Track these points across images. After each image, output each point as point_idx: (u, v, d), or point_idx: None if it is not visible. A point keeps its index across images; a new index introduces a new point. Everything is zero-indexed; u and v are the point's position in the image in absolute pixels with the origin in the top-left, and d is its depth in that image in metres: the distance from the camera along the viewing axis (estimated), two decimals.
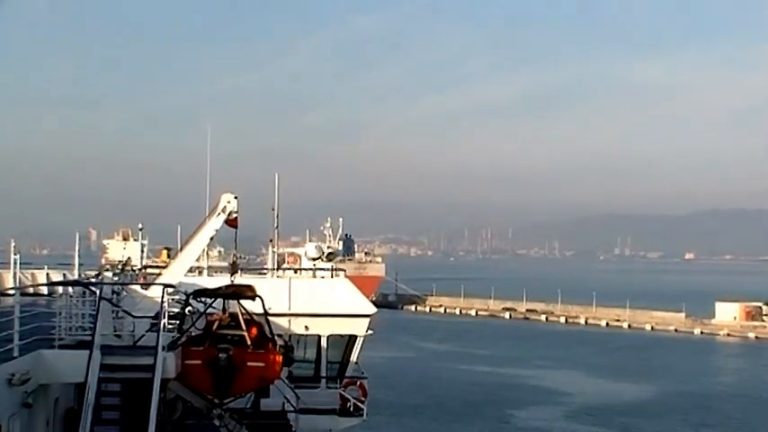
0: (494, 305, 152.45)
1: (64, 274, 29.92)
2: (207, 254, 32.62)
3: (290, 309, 27.07)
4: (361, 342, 28.14)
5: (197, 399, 20.62)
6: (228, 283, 21.90)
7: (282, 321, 25.87)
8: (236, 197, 22.77)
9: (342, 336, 27.95)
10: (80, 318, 20.22)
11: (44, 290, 27.53)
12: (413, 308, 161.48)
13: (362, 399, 27.73)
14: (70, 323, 19.79)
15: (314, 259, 32.00)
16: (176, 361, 18.88)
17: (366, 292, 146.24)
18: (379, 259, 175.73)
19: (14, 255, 27.57)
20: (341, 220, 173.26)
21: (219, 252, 49.02)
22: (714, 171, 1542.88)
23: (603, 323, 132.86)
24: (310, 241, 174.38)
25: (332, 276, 30.94)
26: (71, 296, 20.99)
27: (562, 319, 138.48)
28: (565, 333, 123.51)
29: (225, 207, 22.65)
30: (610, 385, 76.24)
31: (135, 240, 46.37)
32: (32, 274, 31.62)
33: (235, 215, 22.77)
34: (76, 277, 26.63)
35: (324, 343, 27.81)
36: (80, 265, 29.71)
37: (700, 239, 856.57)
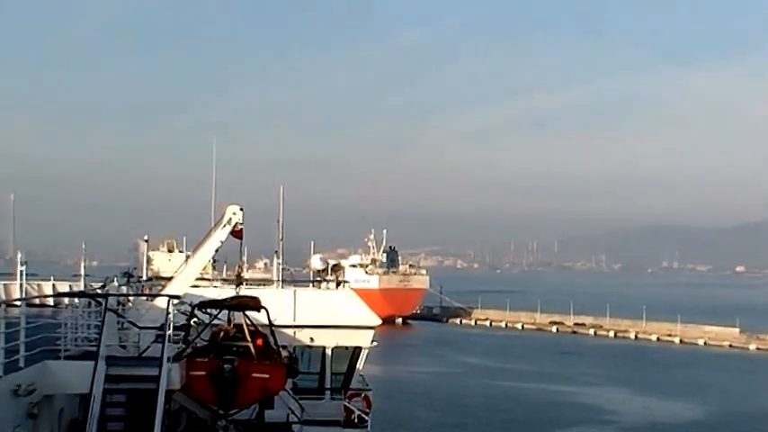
0: (540, 319, 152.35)
1: (70, 286, 30.97)
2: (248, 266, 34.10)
3: (294, 320, 28.20)
4: (365, 354, 29.15)
5: (201, 410, 21.73)
6: (234, 294, 23.02)
7: (287, 333, 26.93)
8: (241, 209, 23.90)
9: (347, 347, 29.06)
10: (86, 329, 21.40)
11: (50, 301, 28.76)
12: (458, 321, 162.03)
13: (367, 410, 28.79)
14: (76, 334, 20.92)
15: (319, 272, 33.05)
16: (181, 372, 19.89)
17: (410, 304, 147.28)
18: (424, 271, 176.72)
19: (21, 266, 28.86)
20: (384, 231, 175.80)
21: (265, 264, 50.02)
22: (765, 183, 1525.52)
23: (654, 338, 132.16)
24: (356, 254, 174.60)
25: (337, 288, 31.94)
26: (77, 307, 21.96)
27: (611, 334, 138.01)
28: (614, 348, 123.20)
29: (230, 219, 23.76)
30: (659, 404, 75.78)
31: (180, 252, 47.52)
32: (38, 285, 32.88)
33: (240, 227, 23.84)
34: (82, 288, 27.55)
35: (328, 354, 28.88)
36: (86, 276, 30.86)
37: (750, 252, 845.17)
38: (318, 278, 32.69)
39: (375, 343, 29.45)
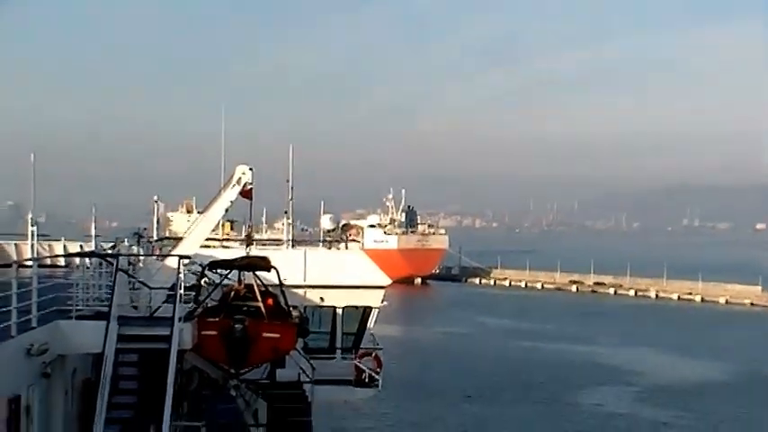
0: (560, 278, 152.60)
1: (80, 246, 31.18)
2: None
3: (305, 280, 28.48)
4: (376, 314, 29.44)
5: (213, 369, 22.13)
6: (244, 254, 23.27)
7: (298, 293, 27.24)
8: (251, 169, 24.04)
9: (357, 307, 29.41)
10: (97, 289, 21.64)
11: (61, 261, 29.07)
12: (477, 281, 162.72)
13: (377, 370, 29.13)
14: (87, 294, 21.18)
15: (329, 231, 33.29)
16: (193, 332, 20.28)
17: (429, 264, 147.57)
18: (443, 231, 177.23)
19: (32, 227, 29.21)
20: (403, 192, 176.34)
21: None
22: None
23: (674, 297, 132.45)
24: (375, 214, 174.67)
25: (346, 248, 32.16)
26: (88, 267, 22.24)
27: (631, 293, 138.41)
28: (634, 307, 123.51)
29: (239, 179, 23.91)
30: (680, 363, 75.88)
31: (199, 213, 48.01)
32: (50, 246, 33.20)
33: (249, 186, 24.01)
34: (93, 249, 27.75)
35: (339, 314, 29.23)
36: (96, 236, 31.11)
37: None
38: (328, 238, 32.91)
39: (385, 302, 29.76)
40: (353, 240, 33.36)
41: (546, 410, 56.59)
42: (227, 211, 24.89)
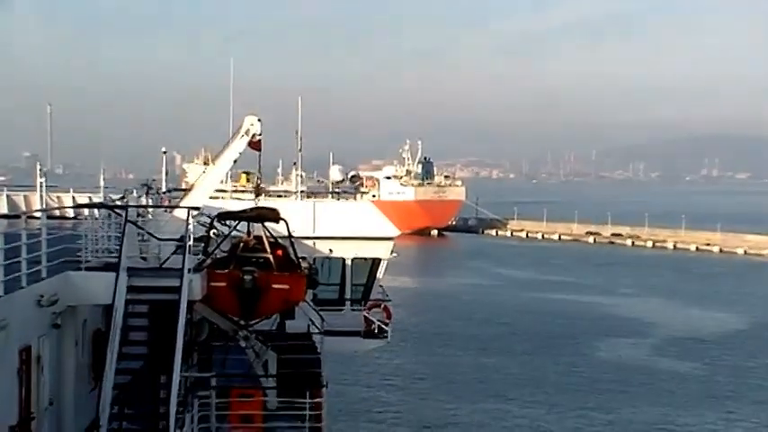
0: (577, 229, 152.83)
1: (89, 197, 31.32)
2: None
3: (314, 232, 28.62)
4: (385, 265, 29.59)
5: (223, 321, 22.33)
6: (253, 205, 23.33)
7: (307, 244, 27.38)
8: (259, 120, 23.99)
9: (366, 259, 29.56)
10: (106, 240, 21.86)
11: (70, 213, 29.19)
12: (493, 232, 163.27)
13: (387, 321, 29.36)
14: (96, 246, 21.40)
15: (338, 182, 33.34)
16: (202, 283, 20.37)
17: (446, 216, 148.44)
18: (459, 182, 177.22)
19: (40, 178, 29.33)
20: (419, 142, 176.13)
21: (301, 177, 49.88)
22: None
23: (693, 248, 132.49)
24: (391, 165, 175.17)
25: (355, 199, 32.26)
26: (96, 219, 22.46)
27: (649, 244, 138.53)
28: (652, 258, 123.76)
29: (248, 129, 23.89)
30: (698, 314, 76.26)
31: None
32: (58, 197, 33.30)
33: (258, 137, 23.99)
34: (101, 200, 27.86)
35: (348, 266, 29.38)
36: (105, 188, 31.21)
37: None
38: (337, 189, 33.03)
39: (395, 254, 29.91)
40: (363, 192, 33.34)
41: (560, 361, 57.07)
42: (235, 162, 24.94)
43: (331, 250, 29.10)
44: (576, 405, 46.77)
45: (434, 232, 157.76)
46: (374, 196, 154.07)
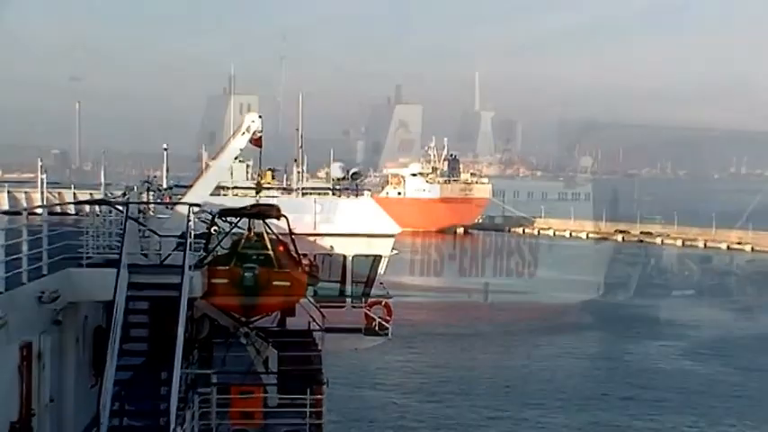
0: (606, 227, 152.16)
1: (90, 194, 31.46)
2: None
3: (315, 228, 29.07)
4: (386, 262, 29.99)
5: (223, 317, 22.81)
6: (254, 202, 23.81)
7: (308, 241, 27.81)
8: (260, 116, 24.46)
9: (367, 256, 29.90)
10: (107, 237, 22.11)
11: (71, 209, 29.71)
12: (520, 230, 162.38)
13: (387, 318, 29.73)
14: (97, 242, 21.67)
15: (339, 179, 33.71)
16: (203, 280, 20.83)
17: (472, 214, 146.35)
18: (486, 180, 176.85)
19: (42, 174, 29.83)
20: (445, 140, 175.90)
21: (327, 174, 50.34)
22: None
23: (724, 246, 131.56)
24: (416, 162, 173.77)
25: (356, 196, 32.56)
26: (98, 215, 22.80)
27: (678, 243, 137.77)
28: (682, 257, 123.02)
29: (249, 127, 24.35)
30: (729, 316, 75.81)
31: (241, 162, 48.63)
32: (59, 194, 33.76)
33: (259, 135, 24.46)
34: (102, 197, 28.24)
35: (349, 262, 29.84)
36: (107, 184, 31.74)
37: None
38: (339, 186, 33.46)
39: (396, 251, 30.26)
40: (366, 190, 33.68)
41: (583, 364, 57.18)
42: (235, 159, 25.37)
43: (332, 247, 29.40)
44: (581, 407, 47.00)
45: (460, 230, 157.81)
46: (399, 194, 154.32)
